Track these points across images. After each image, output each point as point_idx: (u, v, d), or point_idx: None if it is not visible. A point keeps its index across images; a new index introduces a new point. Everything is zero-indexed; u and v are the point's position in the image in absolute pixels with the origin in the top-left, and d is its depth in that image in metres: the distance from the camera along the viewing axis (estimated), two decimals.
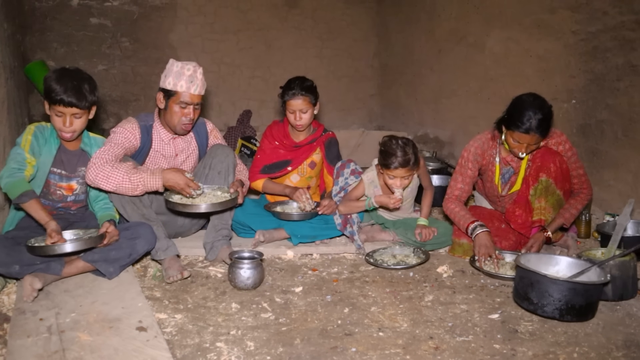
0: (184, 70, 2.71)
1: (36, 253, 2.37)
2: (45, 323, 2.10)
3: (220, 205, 2.68)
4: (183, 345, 2.00)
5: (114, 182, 2.53)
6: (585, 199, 2.91)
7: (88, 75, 2.61)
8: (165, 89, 2.75)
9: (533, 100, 2.68)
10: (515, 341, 2.03)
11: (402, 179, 2.88)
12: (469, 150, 3.00)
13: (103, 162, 2.54)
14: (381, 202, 2.98)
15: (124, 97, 6.28)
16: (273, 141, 3.36)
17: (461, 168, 3.01)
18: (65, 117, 2.52)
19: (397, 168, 2.83)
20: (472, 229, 2.84)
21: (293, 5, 6.70)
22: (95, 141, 2.76)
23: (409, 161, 2.83)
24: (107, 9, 6.10)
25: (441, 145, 5.59)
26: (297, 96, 3.12)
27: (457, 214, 2.96)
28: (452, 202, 3.01)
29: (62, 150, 2.66)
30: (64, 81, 2.48)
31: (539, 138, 2.68)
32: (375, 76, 7.09)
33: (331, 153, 3.36)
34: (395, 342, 2.03)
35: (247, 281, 2.49)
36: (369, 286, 2.59)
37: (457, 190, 3.02)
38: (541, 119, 2.62)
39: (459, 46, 5.12)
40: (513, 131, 2.69)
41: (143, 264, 2.86)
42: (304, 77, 3.22)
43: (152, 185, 2.59)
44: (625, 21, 3.26)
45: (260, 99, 6.72)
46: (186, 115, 2.76)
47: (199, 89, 2.76)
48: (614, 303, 2.35)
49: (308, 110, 3.17)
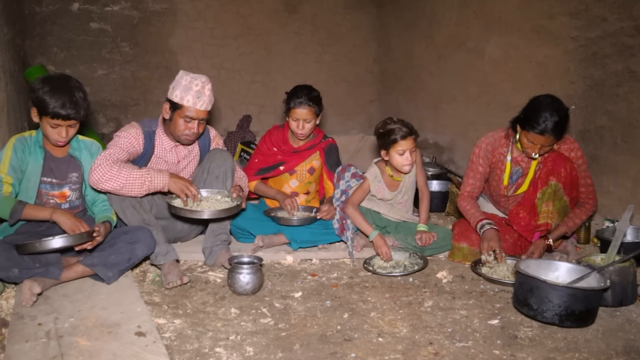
0: (192, 85, 2.69)
1: (25, 251, 2.35)
2: (44, 328, 2.09)
3: (226, 211, 2.66)
4: (182, 350, 2.00)
5: (120, 181, 2.53)
6: (590, 211, 2.91)
7: (77, 81, 2.56)
8: (172, 101, 2.74)
9: (551, 102, 2.67)
10: (515, 347, 2.03)
11: (410, 152, 2.91)
12: (479, 146, 3.01)
13: (109, 164, 2.54)
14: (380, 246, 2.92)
15: (124, 102, 6.29)
16: (272, 147, 3.36)
17: (472, 164, 3.03)
18: (62, 128, 2.49)
19: (405, 137, 2.87)
20: (481, 225, 2.87)
21: (293, 10, 6.71)
22: (85, 144, 2.72)
23: (411, 129, 2.90)
24: (107, 14, 6.11)
25: (441, 150, 5.60)
26: (303, 105, 3.12)
27: (468, 212, 3.00)
28: (464, 200, 3.05)
29: (49, 158, 2.62)
30: (58, 94, 2.42)
31: (554, 140, 2.68)
32: (375, 81, 7.10)
33: (331, 159, 3.36)
34: (395, 347, 2.02)
35: (247, 286, 2.49)
36: (369, 291, 2.59)
37: (468, 187, 3.05)
38: (557, 122, 2.61)
39: (458, 52, 5.13)
40: (528, 131, 2.69)
41: (142, 268, 2.86)
42: (311, 87, 3.22)
43: (159, 182, 2.59)
44: (625, 27, 3.27)
45: (260, 103, 6.73)
46: (190, 129, 2.75)
47: (206, 105, 2.74)
48: (613, 309, 2.35)
49: (312, 120, 3.18)
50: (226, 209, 2.67)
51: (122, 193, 2.59)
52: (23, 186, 2.57)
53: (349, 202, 3.05)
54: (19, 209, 2.43)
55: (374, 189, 3.09)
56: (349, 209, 3.03)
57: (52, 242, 2.35)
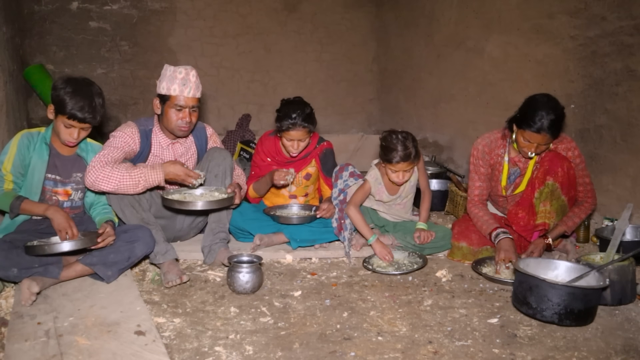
0: (176, 73, 2.69)
1: (33, 252, 2.36)
2: (43, 327, 2.09)
3: (217, 203, 2.68)
4: (181, 349, 2.00)
5: (115, 181, 2.53)
6: (589, 209, 2.91)
7: (99, 88, 2.62)
8: (160, 94, 2.75)
9: (547, 101, 2.68)
10: (514, 346, 2.03)
11: (404, 173, 2.91)
12: (477, 148, 3.01)
13: (102, 164, 2.54)
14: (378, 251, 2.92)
15: (123, 101, 6.28)
16: (265, 157, 3.29)
17: (474, 167, 3.03)
18: (75, 130, 2.54)
19: (399, 162, 2.86)
20: (495, 235, 2.84)
21: (292, 9, 6.71)
22: (92, 147, 2.76)
23: (410, 155, 2.86)
24: (106, 13, 6.10)
25: (440, 149, 5.60)
26: (297, 127, 3.01)
27: (481, 219, 2.96)
28: (475, 206, 3.02)
29: (55, 156, 2.64)
30: (79, 97, 2.48)
31: (550, 139, 2.68)
32: (374, 80, 7.09)
33: (327, 165, 3.30)
34: (394, 346, 2.02)
35: (246, 285, 2.49)
36: (368, 290, 2.59)
37: (476, 190, 3.03)
38: (553, 120, 2.62)
39: (458, 51, 5.13)
40: (524, 130, 2.69)
41: (141, 267, 2.86)
42: (303, 103, 3.08)
43: (154, 179, 2.59)
44: (624, 26, 3.27)
45: (260, 103, 6.73)
46: (182, 118, 2.74)
47: (193, 92, 2.73)
48: (612, 308, 2.35)
49: (306, 138, 3.11)
50: (217, 201, 2.68)
51: (119, 192, 2.60)
52: (28, 182, 2.59)
53: (351, 202, 3.03)
54: (16, 204, 2.48)
55: (374, 190, 3.09)
56: (350, 209, 3.00)
57: (61, 246, 2.36)
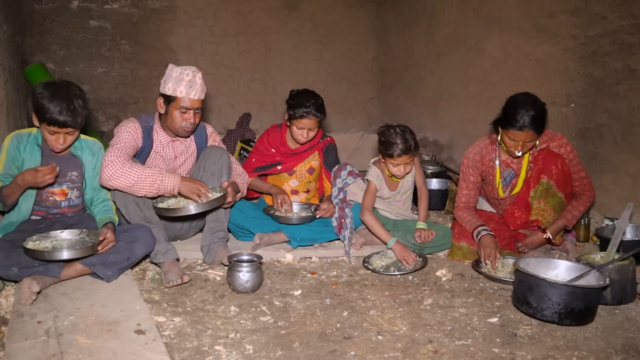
0: (183, 75, 2.70)
1: (32, 256, 2.36)
2: (44, 326, 2.09)
3: (208, 204, 2.65)
4: (181, 348, 2.00)
5: (132, 178, 2.53)
6: (588, 201, 2.93)
7: (79, 89, 2.55)
8: (165, 95, 2.74)
9: (526, 98, 2.75)
10: (514, 345, 2.03)
11: (405, 165, 2.96)
12: (467, 157, 3.06)
13: (122, 161, 2.54)
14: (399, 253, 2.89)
15: (123, 100, 6.28)
16: (270, 147, 3.34)
17: (463, 175, 3.08)
18: (59, 135, 2.48)
19: (400, 155, 2.90)
20: (477, 232, 2.89)
21: (293, 8, 6.71)
22: (86, 143, 2.71)
23: (410, 147, 2.90)
24: (106, 12, 6.10)
25: (440, 148, 5.60)
26: (309, 116, 3.08)
27: (464, 219, 3.02)
28: (461, 210, 3.08)
29: (48, 156, 2.60)
30: (56, 101, 2.41)
31: (534, 135, 2.72)
32: (374, 79, 7.10)
33: (329, 159, 3.36)
34: (394, 345, 2.03)
35: (246, 284, 2.49)
36: (368, 289, 2.59)
37: (463, 197, 3.09)
38: (534, 115, 2.67)
39: (458, 50, 5.13)
40: (508, 129, 2.75)
41: (142, 266, 2.86)
42: (316, 94, 3.16)
43: (169, 183, 2.59)
44: (624, 25, 3.27)
45: (260, 102, 6.73)
46: (187, 120, 2.75)
47: (199, 94, 2.74)
48: (613, 307, 2.35)
49: (316, 128, 3.18)
50: (206, 203, 2.64)
51: (131, 191, 2.59)
52: None
53: (363, 208, 3.05)
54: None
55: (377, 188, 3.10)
56: (365, 215, 3.02)
57: (62, 254, 2.35)
